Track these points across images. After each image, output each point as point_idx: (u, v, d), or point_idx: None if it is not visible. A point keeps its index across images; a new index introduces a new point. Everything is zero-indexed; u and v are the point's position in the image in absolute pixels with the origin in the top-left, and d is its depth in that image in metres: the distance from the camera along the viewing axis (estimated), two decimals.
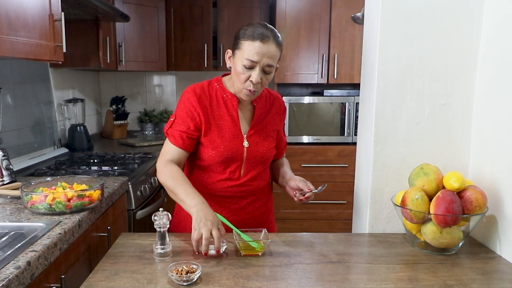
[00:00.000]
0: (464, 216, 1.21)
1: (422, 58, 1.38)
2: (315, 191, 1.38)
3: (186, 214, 1.29)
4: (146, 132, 3.50)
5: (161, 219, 1.20)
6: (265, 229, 1.30)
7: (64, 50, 1.83)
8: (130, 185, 1.98)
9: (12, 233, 1.26)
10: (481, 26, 1.37)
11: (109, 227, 1.63)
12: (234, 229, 1.29)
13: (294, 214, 3.49)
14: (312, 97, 3.42)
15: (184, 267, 1.08)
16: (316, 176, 3.39)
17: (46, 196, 1.38)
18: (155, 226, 1.21)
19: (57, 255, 1.20)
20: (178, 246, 1.28)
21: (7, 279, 0.94)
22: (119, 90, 3.73)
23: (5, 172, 1.74)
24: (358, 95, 1.94)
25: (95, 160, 2.39)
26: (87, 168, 2.16)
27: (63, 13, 1.81)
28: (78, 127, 2.83)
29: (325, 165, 3.44)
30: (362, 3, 1.55)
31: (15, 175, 1.81)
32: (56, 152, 2.53)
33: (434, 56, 1.38)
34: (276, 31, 1.36)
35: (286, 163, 1.62)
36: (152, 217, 1.21)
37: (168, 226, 1.22)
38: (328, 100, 3.42)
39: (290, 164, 1.64)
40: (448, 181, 1.24)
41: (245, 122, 1.47)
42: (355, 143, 1.69)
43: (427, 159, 1.38)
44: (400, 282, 1.08)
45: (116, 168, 2.17)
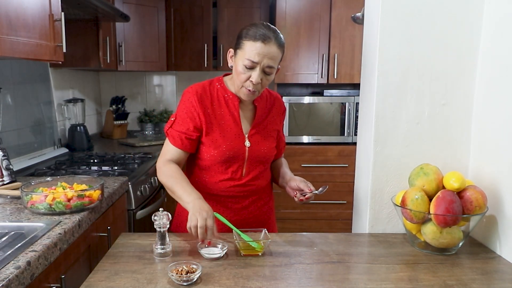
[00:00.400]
0: (464, 216, 1.21)
1: (422, 58, 1.38)
2: (315, 192, 1.38)
3: (187, 215, 1.29)
4: (146, 132, 3.50)
5: (161, 219, 1.21)
6: (265, 229, 1.30)
7: (64, 50, 1.83)
8: (130, 185, 1.98)
9: (12, 233, 1.26)
10: (481, 26, 1.37)
11: (109, 227, 1.63)
12: (234, 229, 1.29)
13: (294, 214, 3.49)
14: (312, 97, 3.42)
15: (184, 267, 1.08)
16: (316, 176, 3.39)
17: (46, 196, 1.38)
18: (155, 226, 1.21)
19: (57, 255, 1.20)
20: (178, 246, 1.28)
21: (7, 279, 0.94)
22: (119, 90, 3.73)
23: (5, 172, 1.74)
24: (358, 95, 1.94)
25: (95, 160, 2.39)
26: (87, 168, 2.16)
27: (63, 13, 1.81)
28: (78, 127, 2.83)
29: (325, 165, 3.44)
30: (362, 3, 1.55)
31: (15, 175, 1.81)
32: (56, 152, 2.53)
33: (434, 56, 1.38)
34: (278, 32, 1.35)
35: (285, 163, 1.62)
36: (152, 217, 1.21)
37: (168, 226, 1.22)
38: (328, 100, 3.42)
39: (290, 164, 1.64)
40: (448, 181, 1.24)
41: (246, 122, 1.47)
42: (355, 143, 1.69)
43: (427, 159, 1.38)
44: (400, 282, 1.08)
45: (116, 168, 2.17)
